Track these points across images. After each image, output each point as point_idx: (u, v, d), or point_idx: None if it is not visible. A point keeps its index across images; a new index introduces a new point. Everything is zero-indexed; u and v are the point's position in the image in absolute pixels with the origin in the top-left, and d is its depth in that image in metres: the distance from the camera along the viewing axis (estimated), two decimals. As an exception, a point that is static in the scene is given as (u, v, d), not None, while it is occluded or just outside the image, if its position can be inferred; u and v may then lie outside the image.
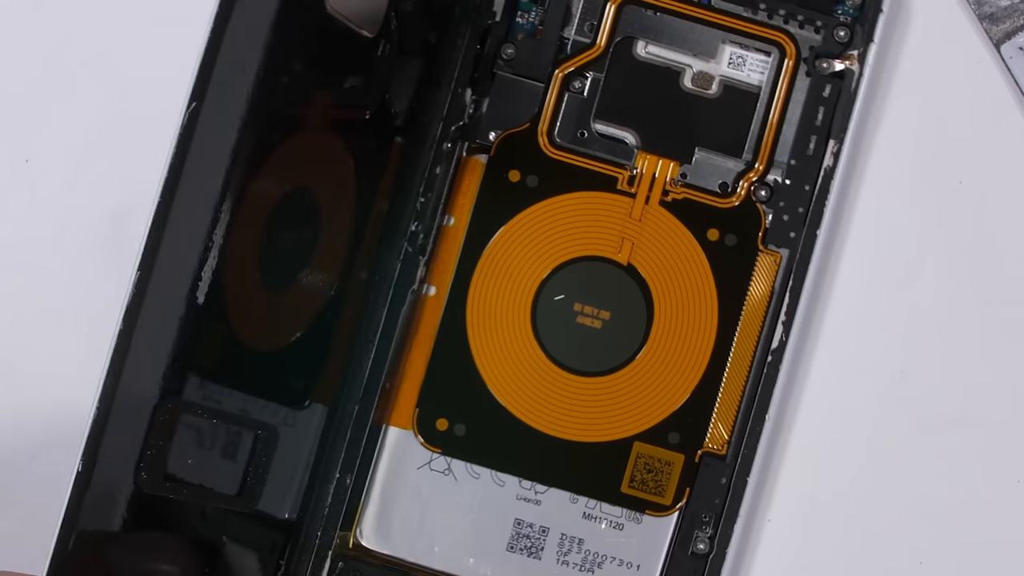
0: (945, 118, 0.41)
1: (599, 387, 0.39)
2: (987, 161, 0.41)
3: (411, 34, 0.39)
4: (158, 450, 0.34)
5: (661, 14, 0.39)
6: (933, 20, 0.41)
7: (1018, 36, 0.40)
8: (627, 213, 0.39)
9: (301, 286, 0.38)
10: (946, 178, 0.41)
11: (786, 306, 0.39)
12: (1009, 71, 0.40)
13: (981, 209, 0.41)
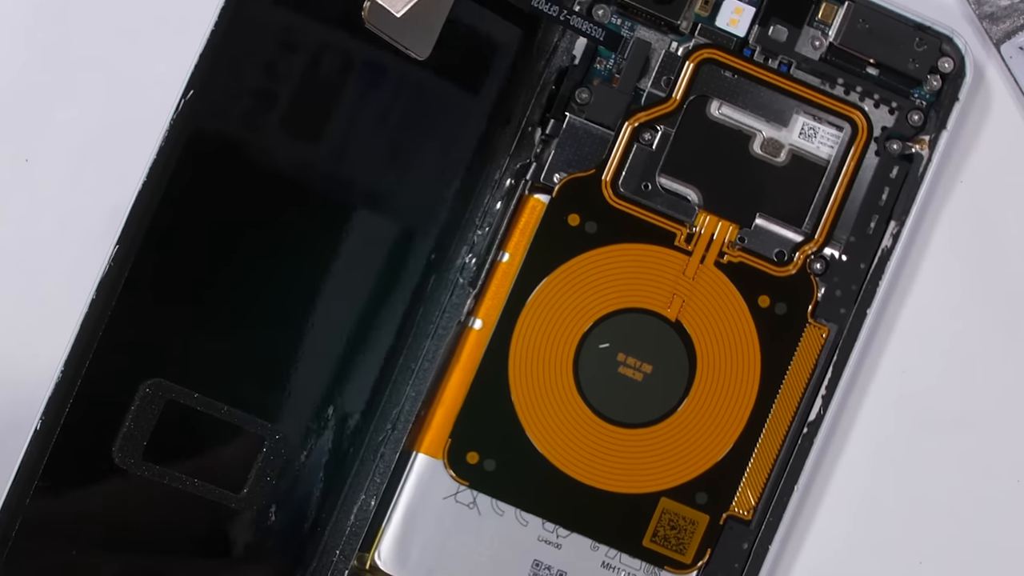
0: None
1: (633, 439, 0.39)
2: (987, 161, 0.41)
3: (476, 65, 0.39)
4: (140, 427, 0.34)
5: (739, 77, 0.40)
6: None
7: (1018, 36, 0.40)
8: (681, 270, 0.39)
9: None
10: (946, 178, 0.40)
11: (828, 380, 0.39)
12: (1009, 71, 0.40)
13: (981, 209, 0.40)
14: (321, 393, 0.38)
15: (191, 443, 0.37)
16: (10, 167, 0.40)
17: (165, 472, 0.36)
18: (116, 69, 0.41)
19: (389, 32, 0.37)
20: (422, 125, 0.39)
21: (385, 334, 0.39)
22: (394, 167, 0.39)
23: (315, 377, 0.38)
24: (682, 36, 0.40)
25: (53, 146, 0.40)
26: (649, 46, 0.40)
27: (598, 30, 0.39)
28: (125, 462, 0.35)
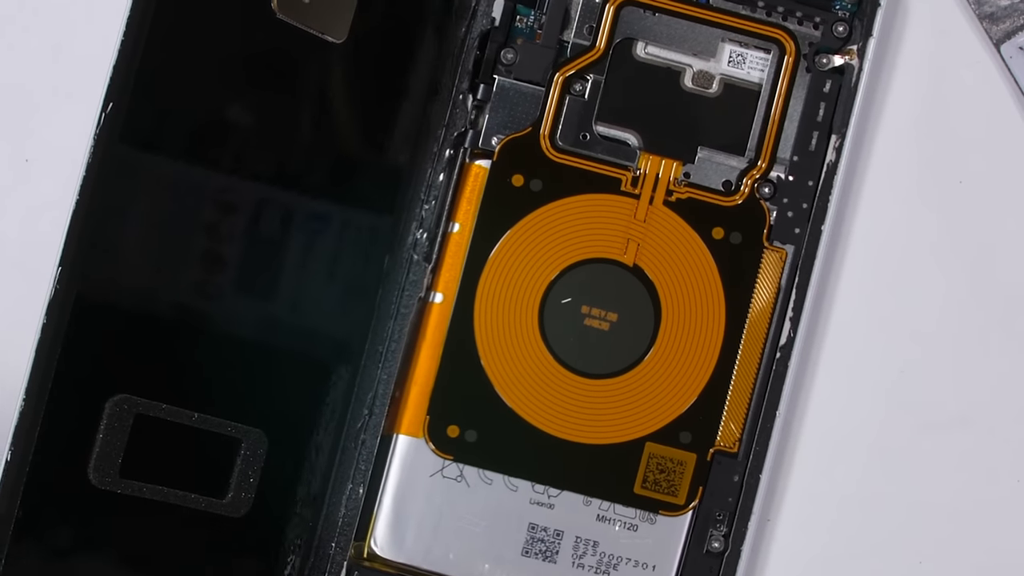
0: (945, 118, 0.41)
1: (609, 389, 0.39)
2: (987, 161, 0.41)
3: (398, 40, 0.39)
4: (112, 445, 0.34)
5: (660, 14, 0.40)
6: (933, 20, 0.41)
7: (1018, 36, 0.40)
8: (631, 214, 0.39)
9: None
10: (946, 178, 0.41)
11: (793, 302, 0.39)
12: (1009, 71, 0.40)
13: (981, 209, 0.41)
14: (292, 387, 0.38)
15: (167, 455, 0.37)
16: (10, 167, 0.40)
17: (145, 487, 0.36)
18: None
19: (302, 19, 0.37)
20: (351, 107, 0.38)
21: (347, 320, 0.39)
22: (329, 150, 0.38)
23: (284, 371, 0.38)
24: (598, -18, 0.40)
25: (53, 146, 0.40)
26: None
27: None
28: (103, 482, 0.35)
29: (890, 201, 0.41)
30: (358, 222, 0.39)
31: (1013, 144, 0.41)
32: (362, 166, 0.39)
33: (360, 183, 0.39)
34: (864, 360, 0.40)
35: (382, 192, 0.39)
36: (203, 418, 0.37)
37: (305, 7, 0.37)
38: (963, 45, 0.41)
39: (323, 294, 0.38)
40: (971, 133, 0.41)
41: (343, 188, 0.39)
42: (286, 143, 0.38)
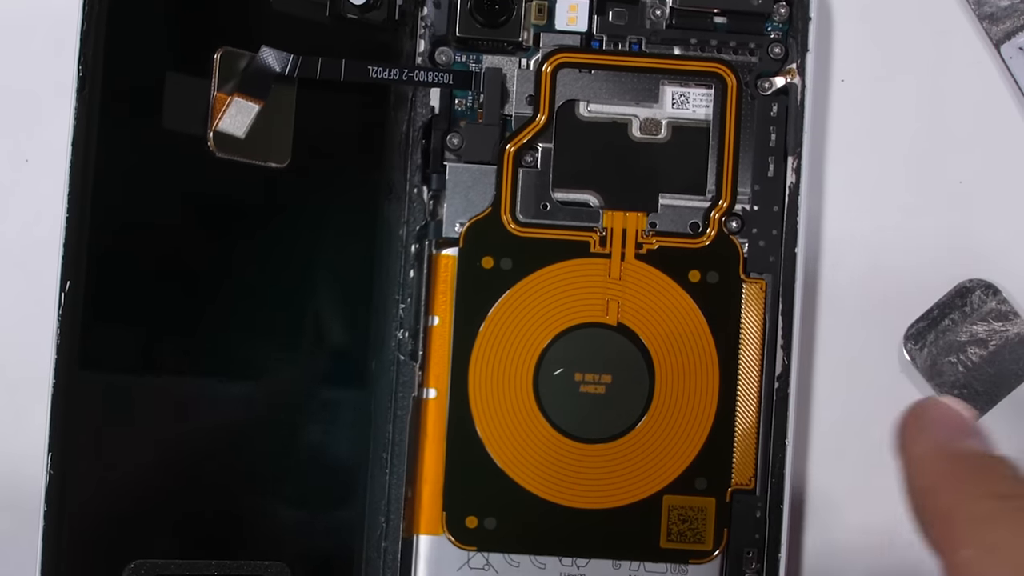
0: (945, 118, 0.41)
1: (617, 450, 0.39)
2: (987, 161, 0.41)
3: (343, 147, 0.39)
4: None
5: (595, 71, 0.39)
6: (933, 20, 0.41)
7: (1018, 36, 0.40)
8: (606, 274, 0.39)
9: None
10: (946, 178, 0.40)
11: (781, 329, 0.39)
12: (1009, 71, 0.40)
13: (981, 209, 0.40)
14: (304, 511, 0.38)
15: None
16: (10, 167, 0.40)
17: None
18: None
19: (242, 153, 0.37)
20: (309, 225, 0.38)
21: (344, 432, 0.39)
22: (297, 269, 0.38)
23: (292, 496, 0.38)
24: (528, 51, 0.39)
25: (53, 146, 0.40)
26: (500, 72, 0.39)
27: (445, 75, 0.39)
28: None
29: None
30: (339, 331, 0.39)
31: (1013, 144, 0.41)
32: (331, 277, 0.39)
33: (333, 293, 0.39)
34: (861, 369, 0.40)
35: (355, 300, 0.39)
36: (221, 564, 0.37)
37: (241, 141, 0.37)
38: (963, 45, 0.41)
39: (318, 411, 0.38)
40: (971, 133, 0.41)
41: (317, 297, 0.38)
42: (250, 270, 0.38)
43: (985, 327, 0.39)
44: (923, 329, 0.40)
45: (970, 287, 0.40)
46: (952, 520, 0.30)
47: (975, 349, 0.39)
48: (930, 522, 0.31)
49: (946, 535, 0.30)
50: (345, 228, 0.39)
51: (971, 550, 0.29)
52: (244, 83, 0.37)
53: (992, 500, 0.31)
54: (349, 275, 0.39)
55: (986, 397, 0.39)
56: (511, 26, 0.39)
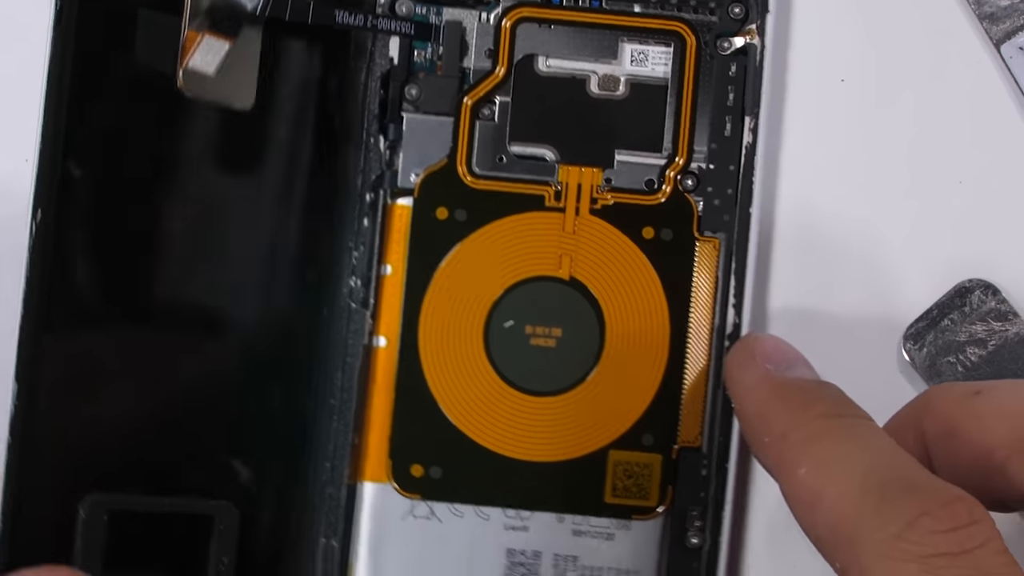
0: (945, 118, 0.41)
1: (564, 404, 0.39)
2: (987, 161, 0.41)
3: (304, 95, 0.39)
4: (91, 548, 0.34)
5: (555, 26, 0.39)
6: (933, 20, 0.41)
7: (1018, 36, 0.40)
8: (560, 228, 0.39)
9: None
10: (946, 178, 0.40)
11: (734, 288, 0.39)
12: (1009, 71, 0.40)
13: (981, 209, 0.40)
14: (252, 453, 0.38)
15: (145, 546, 0.37)
16: (10, 167, 0.41)
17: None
18: None
19: (209, 94, 0.37)
20: (267, 170, 0.39)
21: (294, 377, 0.39)
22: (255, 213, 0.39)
23: (240, 438, 0.38)
24: (488, 4, 0.40)
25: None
26: (460, 25, 0.39)
27: (407, 25, 0.39)
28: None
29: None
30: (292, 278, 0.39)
31: (1013, 144, 0.41)
32: (288, 225, 0.39)
33: (288, 239, 0.39)
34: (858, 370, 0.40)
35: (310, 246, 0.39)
36: (173, 502, 0.37)
37: (210, 81, 0.37)
38: (963, 45, 0.41)
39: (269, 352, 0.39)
40: (971, 133, 0.41)
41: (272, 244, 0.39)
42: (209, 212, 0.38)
43: (984, 327, 0.39)
44: (922, 329, 0.39)
45: (969, 287, 0.40)
46: (786, 442, 0.32)
47: (974, 349, 0.39)
48: (766, 448, 0.32)
49: (781, 457, 0.32)
50: (303, 175, 0.39)
51: (806, 468, 0.30)
52: (215, 21, 0.37)
53: (822, 420, 0.32)
54: (304, 223, 0.39)
55: None
56: (473, -21, 0.39)
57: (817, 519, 0.30)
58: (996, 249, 0.41)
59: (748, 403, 0.35)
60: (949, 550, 0.28)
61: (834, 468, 0.31)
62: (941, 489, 0.29)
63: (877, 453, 0.31)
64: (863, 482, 0.30)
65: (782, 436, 0.32)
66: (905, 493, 0.29)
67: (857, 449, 0.31)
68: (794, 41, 0.41)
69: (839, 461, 0.31)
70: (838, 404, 0.33)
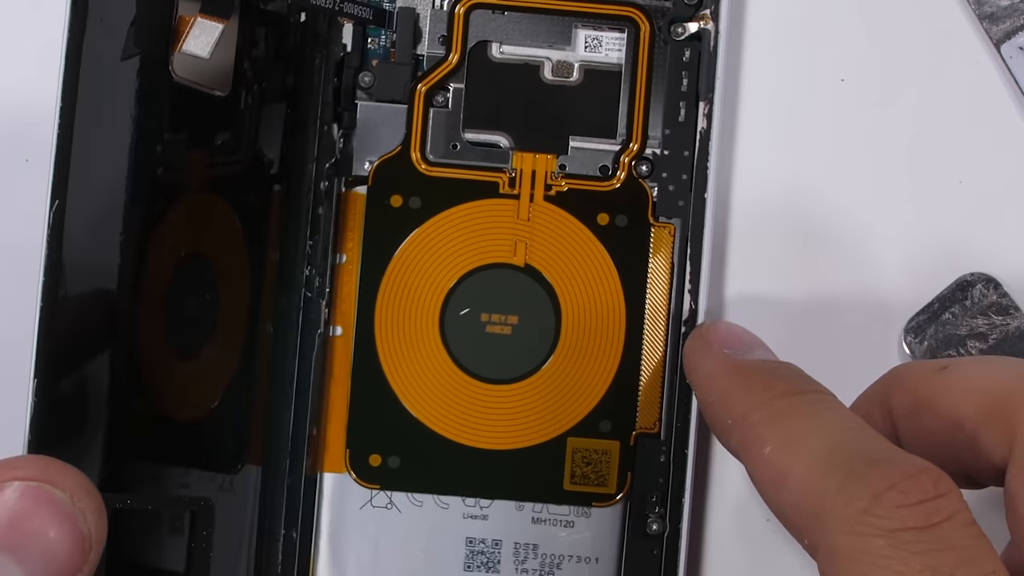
0: (945, 118, 0.41)
1: (521, 392, 0.39)
2: (987, 161, 0.41)
3: (270, 82, 0.39)
4: None
5: (509, 12, 0.39)
6: (933, 20, 0.41)
7: (1018, 36, 0.40)
8: (514, 215, 0.39)
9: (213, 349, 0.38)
10: (946, 178, 0.41)
11: (689, 274, 0.39)
12: (1009, 71, 0.40)
13: (981, 209, 0.40)
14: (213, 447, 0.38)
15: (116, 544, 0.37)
16: (10, 167, 0.40)
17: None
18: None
19: (197, 78, 0.37)
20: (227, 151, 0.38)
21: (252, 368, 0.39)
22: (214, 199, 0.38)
23: (199, 433, 0.38)
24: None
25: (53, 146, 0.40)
26: (414, 11, 0.39)
27: (367, 10, 0.39)
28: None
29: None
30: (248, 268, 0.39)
31: (1013, 144, 0.41)
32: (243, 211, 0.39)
33: (244, 229, 0.39)
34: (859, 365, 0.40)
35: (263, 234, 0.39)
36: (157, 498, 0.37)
37: (201, 65, 0.37)
38: (963, 45, 0.41)
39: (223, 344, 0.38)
40: (971, 133, 0.41)
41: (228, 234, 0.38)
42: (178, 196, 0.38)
43: (985, 321, 0.39)
44: (923, 322, 0.40)
45: (971, 281, 0.40)
46: (749, 422, 0.32)
47: (975, 343, 0.39)
48: (730, 430, 0.32)
49: (745, 437, 0.32)
50: (255, 160, 0.39)
51: (771, 447, 0.30)
52: (207, 2, 0.36)
53: (784, 398, 0.32)
54: (262, 208, 0.39)
55: None
56: (425, -34, 0.39)
57: (784, 497, 0.30)
58: (995, 249, 0.41)
59: (710, 390, 0.35)
60: (916, 524, 0.27)
61: (799, 445, 0.30)
62: (905, 461, 0.29)
63: (841, 428, 0.31)
64: (828, 458, 0.30)
65: (744, 417, 0.32)
66: (870, 467, 0.29)
67: (821, 425, 0.31)
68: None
69: (803, 438, 0.31)
70: (799, 382, 0.33)
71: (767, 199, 0.41)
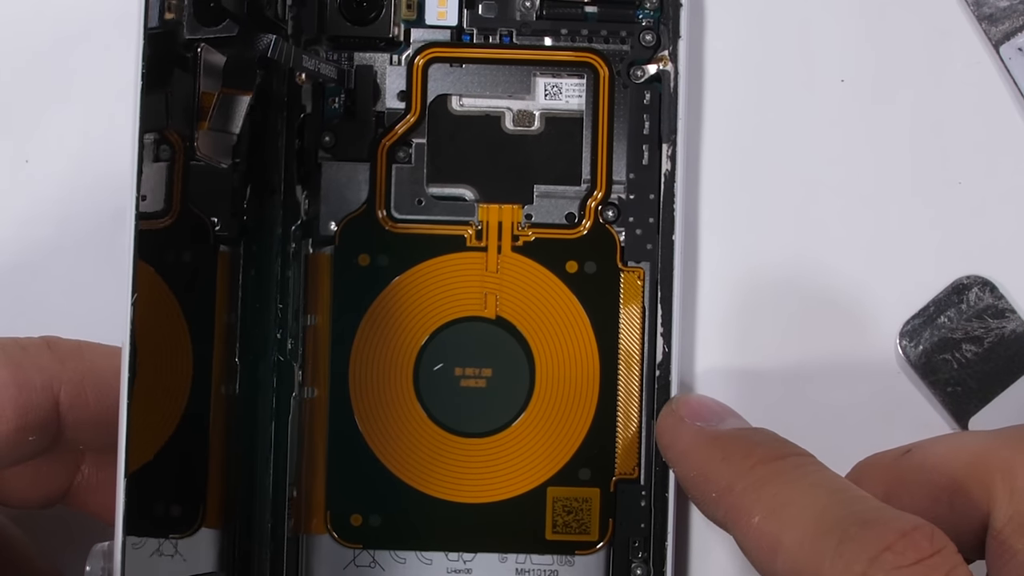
0: (945, 118, 0.41)
1: (499, 444, 0.39)
2: (987, 162, 0.40)
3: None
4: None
5: (466, 65, 0.39)
6: (933, 20, 0.41)
7: (1017, 37, 0.40)
8: (483, 268, 0.39)
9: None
10: (946, 178, 0.40)
11: (661, 317, 0.39)
12: (1008, 72, 0.40)
13: (981, 209, 0.40)
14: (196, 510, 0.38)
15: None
16: (10, 167, 0.40)
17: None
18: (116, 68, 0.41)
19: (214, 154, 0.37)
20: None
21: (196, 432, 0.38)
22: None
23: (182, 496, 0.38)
24: (399, 47, 0.39)
25: (53, 146, 0.41)
26: (372, 69, 0.39)
27: (331, 70, 0.39)
28: None
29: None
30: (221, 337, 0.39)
31: (1013, 144, 0.41)
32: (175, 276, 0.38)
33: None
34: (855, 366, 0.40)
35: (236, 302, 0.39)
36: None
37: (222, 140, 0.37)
38: (963, 46, 0.41)
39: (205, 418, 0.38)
40: (971, 133, 0.41)
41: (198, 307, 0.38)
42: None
43: (981, 324, 0.39)
44: (918, 326, 0.39)
45: (967, 284, 0.39)
46: (733, 493, 0.31)
47: (970, 346, 0.39)
48: (715, 503, 0.32)
49: (732, 509, 0.31)
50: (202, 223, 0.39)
51: (759, 516, 0.30)
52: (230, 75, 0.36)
53: (764, 465, 0.31)
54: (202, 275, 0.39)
55: (980, 395, 0.39)
56: (381, 23, 0.39)
57: (779, 567, 0.30)
58: (995, 249, 0.40)
59: (687, 465, 0.34)
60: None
61: (787, 512, 0.30)
62: (898, 520, 0.29)
63: (827, 491, 0.30)
64: (819, 523, 0.29)
65: (728, 489, 0.32)
66: (863, 529, 0.28)
67: (807, 489, 0.31)
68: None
69: (791, 504, 0.30)
70: (778, 446, 0.33)
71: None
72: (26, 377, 0.33)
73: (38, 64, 0.41)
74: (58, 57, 0.41)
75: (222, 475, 0.38)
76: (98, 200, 0.41)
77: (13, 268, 0.40)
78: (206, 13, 0.37)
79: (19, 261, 0.40)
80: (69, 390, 0.33)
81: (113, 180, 0.41)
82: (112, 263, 0.39)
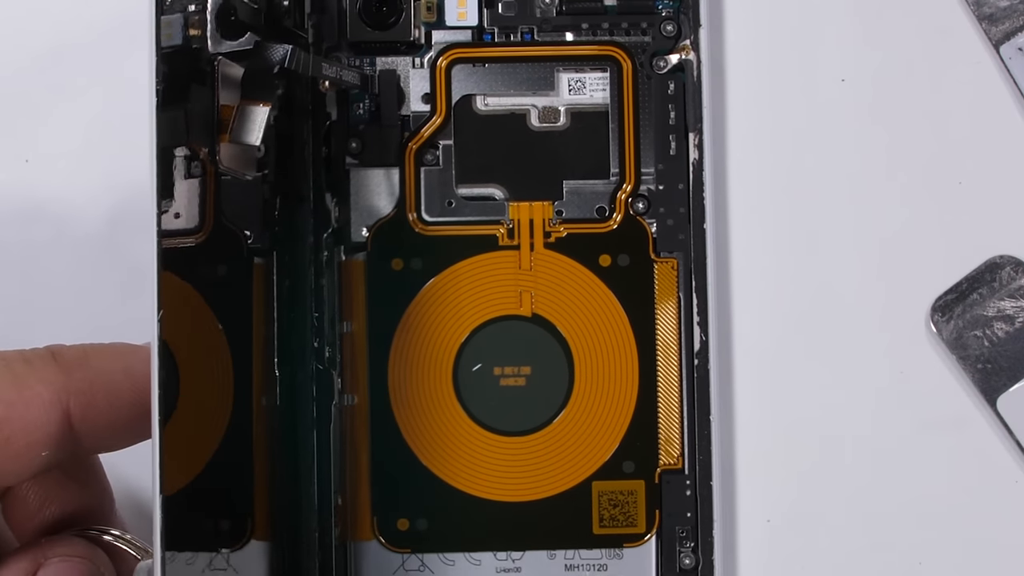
0: (945, 118, 0.41)
1: (542, 441, 0.39)
2: (987, 162, 0.40)
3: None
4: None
5: (489, 64, 0.39)
6: (933, 20, 0.41)
7: (1017, 36, 0.40)
8: (516, 266, 0.39)
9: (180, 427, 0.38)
10: (946, 178, 0.40)
11: (696, 306, 0.39)
12: (1008, 71, 0.40)
13: (981, 209, 0.40)
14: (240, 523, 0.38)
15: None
16: (10, 167, 0.40)
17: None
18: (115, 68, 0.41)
19: (238, 166, 0.37)
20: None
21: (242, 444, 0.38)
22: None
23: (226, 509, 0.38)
24: (420, 49, 0.39)
25: (53, 146, 0.40)
26: (395, 73, 0.39)
27: (355, 76, 0.38)
28: None
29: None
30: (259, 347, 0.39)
31: (1013, 144, 0.41)
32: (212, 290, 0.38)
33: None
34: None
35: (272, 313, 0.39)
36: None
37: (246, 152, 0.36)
38: (963, 45, 0.41)
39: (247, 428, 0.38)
40: (971, 133, 0.41)
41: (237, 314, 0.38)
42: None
43: (1013, 303, 0.39)
44: (951, 302, 0.39)
45: (1000, 263, 0.39)
46: None
47: (1001, 325, 0.39)
48: None
49: None
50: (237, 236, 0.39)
51: None
52: (248, 87, 0.36)
53: None
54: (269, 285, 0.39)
55: (1009, 373, 0.39)
56: (402, 26, 0.39)
57: None
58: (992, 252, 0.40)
59: None
60: None
61: None
62: None
63: None
64: None
65: None
66: None
67: None
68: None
69: None
70: None
71: (765, 211, 0.41)
72: (33, 393, 0.32)
73: (38, 64, 0.41)
74: (58, 57, 0.41)
75: (267, 486, 0.38)
76: (98, 200, 0.41)
77: (13, 268, 0.40)
78: (228, 27, 0.37)
79: (19, 261, 0.40)
80: (79, 401, 0.33)
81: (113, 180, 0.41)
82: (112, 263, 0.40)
